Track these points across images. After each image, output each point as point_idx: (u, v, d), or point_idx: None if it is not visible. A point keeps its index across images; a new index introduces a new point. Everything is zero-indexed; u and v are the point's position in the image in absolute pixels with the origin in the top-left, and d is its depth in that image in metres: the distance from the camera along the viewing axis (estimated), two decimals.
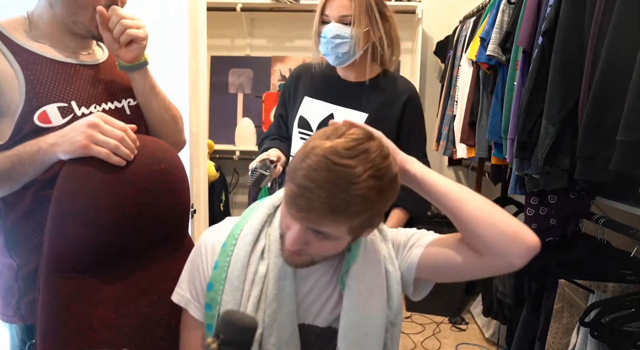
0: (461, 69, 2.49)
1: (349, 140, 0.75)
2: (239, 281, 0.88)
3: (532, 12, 1.62)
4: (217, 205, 3.06)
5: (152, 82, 1.07)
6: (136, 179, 0.90)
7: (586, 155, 1.27)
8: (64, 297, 0.85)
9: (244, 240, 0.91)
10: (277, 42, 3.32)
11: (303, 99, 1.50)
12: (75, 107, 0.95)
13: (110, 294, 0.89)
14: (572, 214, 1.62)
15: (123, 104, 1.06)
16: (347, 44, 1.34)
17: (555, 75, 1.42)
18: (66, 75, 0.97)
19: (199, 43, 2.58)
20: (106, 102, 1.02)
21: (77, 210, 0.85)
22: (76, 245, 0.86)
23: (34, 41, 0.96)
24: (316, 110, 1.48)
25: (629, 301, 1.32)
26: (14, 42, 0.93)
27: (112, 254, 0.90)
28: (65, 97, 0.95)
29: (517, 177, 1.70)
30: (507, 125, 1.76)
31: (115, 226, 0.88)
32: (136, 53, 0.99)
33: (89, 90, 0.99)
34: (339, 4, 1.33)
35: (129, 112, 1.06)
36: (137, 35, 0.97)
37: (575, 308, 1.50)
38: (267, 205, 0.95)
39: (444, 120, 2.75)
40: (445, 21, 3.18)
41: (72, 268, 0.86)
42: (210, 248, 0.93)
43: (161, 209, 0.95)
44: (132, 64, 1.00)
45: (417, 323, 2.78)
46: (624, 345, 1.27)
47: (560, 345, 1.52)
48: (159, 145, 0.98)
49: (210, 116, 3.29)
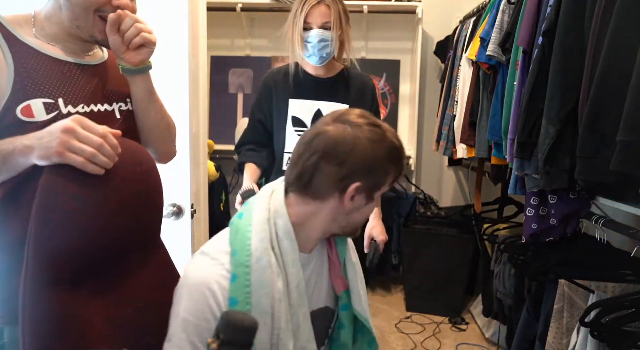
0: (461, 69, 2.49)
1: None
2: (268, 306, 0.87)
3: (532, 12, 1.62)
4: (217, 205, 3.06)
5: (152, 88, 1.06)
6: (121, 181, 0.87)
7: (586, 155, 1.27)
8: (57, 310, 0.81)
9: (261, 265, 0.88)
10: (277, 42, 3.31)
11: (288, 102, 1.71)
12: (61, 105, 0.94)
13: (102, 303, 0.86)
14: (572, 214, 1.62)
15: (114, 107, 1.04)
16: (330, 46, 1.60)
17: (555, 75, 1.42)
18: (58, 72, 0.96)
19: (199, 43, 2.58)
20: (96, 104, 0.99)
21: (65, 218, 0.81)
22: (66, 255, 0.82)
23: (35, 38, 0.97)
24: (305, 109, 1.70)
25: (629, 301, 1.32)
26: (12, 35, 0.93)
27: (100, 261, 0.87)
28: (52, 93, 0.93)
29: (517, 177, 1.70)
30: (507, 125, 1.76)
31: (103, 231, 0.85)
32: (144, 56, 1.00)
33: (79, 90, 0.98)
34: (320, 13, 1.57)
35: (118, 116, 1.04)
36: (149, 39, 0.99)
37: (575, 308, 1.50)
38: (260, 220, 0.92)
39: (444, 120, 2.75)
40: (445, 21, 3.18)
41: (64, 279, 0.82)
42: (216, 288, 0.86)
43: (143, 212, 0.93)
44: (138, 67, 1.01)
45: (417, 323, 2.78)
46: (624, 345, 1.27)
47: (560, 345, 1.52)
48: (138, 147, 0.97)
49: (210, 116, 3.29)
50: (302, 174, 0.90)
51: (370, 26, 3.27)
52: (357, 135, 0.88)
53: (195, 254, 0.95)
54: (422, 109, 3.34)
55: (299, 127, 1.71)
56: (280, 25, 1.76)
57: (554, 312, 1.54)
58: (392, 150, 0.91)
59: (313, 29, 1.58)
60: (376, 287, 3.25)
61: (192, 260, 0.94)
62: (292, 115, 1.70)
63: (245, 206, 0.97)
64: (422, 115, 3.34)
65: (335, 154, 0.87)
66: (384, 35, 3.31)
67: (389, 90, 3.34)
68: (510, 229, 2.45)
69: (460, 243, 2.82)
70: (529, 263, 1.70)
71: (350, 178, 0.89)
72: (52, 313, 0.81)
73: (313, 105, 1.70)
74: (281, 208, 0.92)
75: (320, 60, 1.63)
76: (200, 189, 2.66)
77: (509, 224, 2.54)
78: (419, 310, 2.88)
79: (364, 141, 0.88)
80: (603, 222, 1.49)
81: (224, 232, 0.97)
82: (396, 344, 2.55)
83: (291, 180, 0.93)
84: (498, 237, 2.24)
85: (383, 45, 3.33)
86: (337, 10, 1.58)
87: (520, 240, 1.89)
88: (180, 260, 1.55)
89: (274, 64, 3.30)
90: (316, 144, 0.89)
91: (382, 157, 0.90)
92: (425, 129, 3.37)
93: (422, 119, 3.33)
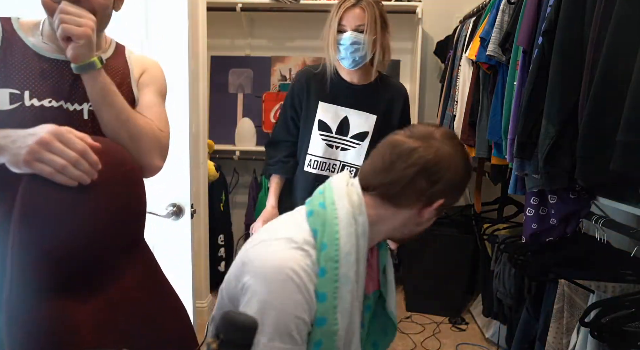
0: (461, 69, 2.49)
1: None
2: (348, 303, 0.90)
3: (532, 12, 1.62)
4: (217, 205, 3.06)
5: (105, 90, 0.97)
6: (104, 183, 0.85)
7: (586, 155, 1.27)
8: (48, 317, 0.78)
9: (349, 260, 0.89)
10: (277, 42, 3.32)
11: (317, 103, 1.70)
12: (26, 97, 0.93)
13: (90, 309, 0.84)
14: (572, 214, 1.62)
15: (83, 107, 1.00)
16: (363, 49, 1.58)
17: (555, 75, 1.42)
18: (36, 68, 0.96)
19: (199, 43, 2.59)
20: (66, 101, 0.97)
21: (48, 223, 0.80)
22: (51, 260, 0.79)
23: (36, 37, 0.98)
24: (333, 114, 1.70)
25: (629, 301, 1.32)
26: (15, 33, 0.96)
27: (86, 265, 0.85)
28: (21, 85, 0.93)
29: (517, 177, 1.70)
30: (507, 125, 1.76)
31: (88, 235, 0.84)
32: (73, 52, 0.92)
33: (51, 85, 0.96)
34: (354, 15, 1.56)
35: (87, 117, 1.00)
36: (71, 31, 0.89)
37: (575, 308, 1.50)
38: (347, 215, 0.91)
39: (444, 120, 2.75)
40: (445, 21, 3.18)
41: (51, 285, 0.80)
42: (306, 279, 0.85)
43: (127, 214, 0.92)
44: (77, 64, 0.94)
45: (417, 323, 2.78)
46: (624, 345, 1.27)
47: (560, 345, 1.52)
48: (119, 147, 0.95)
49: (210, 116, 3.29)
50: (394, 183, 0.93)
51: None
52: (452, 157, 0.93)
53: (272, 237, 0.91)
54: (422, 109, 3.34)
55: (324, 132, 1.71)
56: (280, 25, 1.76)
57: (554, 312, 1.54)
58: (470, 174, 1.01)
59: (347, 31, 1.57)
60: None
61: (274, 245, 0.90)
62: (319, 118, 1.70)
63: (320, 193, 0.97)
64: (422, 115, 3.34)
65: (433, 172, 0.92)
66: None
67: None
68: (510, 229, 2.45)
69: (460, 243, 2.82)
70: (529, 263, 1.70)
71: (438, 195, 0.94)
72: (42, 320, 0.79)
73: (341, 112, 1.70)
74: (362, 206, 0.94)
75: (353, 64, 1.62)
76: (200, 189, 2.66)
77: (509, 224, 2.54)
78: (419, 310, 2.88)
79: (459, 164, 0.94)
80: (603, 222, 1.49)
81: (298, 218, 0.96)
82: (396, 344, 2.55)
83: (376, 184, 0.95)
84: (498, 237, 2.24)
85: None
86: (373, 14, 1.57)
87: (520, 240, 1.90)
88: (180, 260, 1.56)
89: (274, 64, 3.30)
90: (416, 158, 0.92)
91: (466, 181, 0.98)
92: None
93: (422, 119, 3.33)
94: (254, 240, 0.96)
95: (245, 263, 0.90)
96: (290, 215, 1.01)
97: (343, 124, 1.71)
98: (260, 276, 0.86)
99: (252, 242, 0.96)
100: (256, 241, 0.94)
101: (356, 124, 1.71)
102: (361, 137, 1.71)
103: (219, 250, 3.06)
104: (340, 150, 1.73)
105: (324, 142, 1.72)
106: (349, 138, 1.72)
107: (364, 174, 0.99)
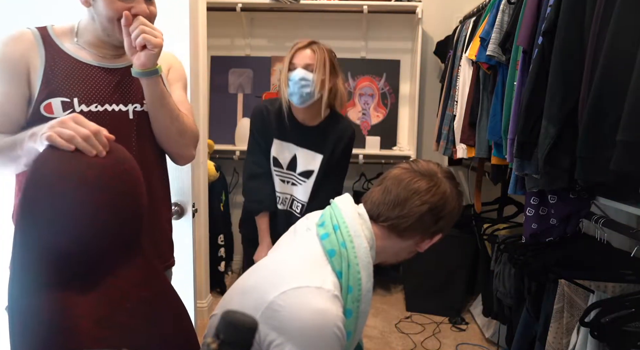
0: (461, 69, 2.49)
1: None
2: (361, 332, 1.00)
3: (532, 12, 1.62)
4: (217, 205, 3.06)
5: (162, 93, 1.11)
6: (104, 180, 0.87)
7: (586, 155, 1.26)
8: (49, 312, 0.80)
9: (368, 297, 0.96)
10: (277, 42, 3.32)
11: (273, 140, 1.81)
12: (75, 103, 1.05)
13: (90, 305, 0.85)
14: (572, 214, 1.62)
15: (128, 108, 1.12)
16: (310, 86, 1.68)
17: (555, 75, 1.42)
18: (81, 74, 1.07)
19: (199, 43, 2.59)
20: (110, 104, 1.09)
21: (51, 219, 0.81)
22: (53, 256, 0.81)
23: (73, 45, 1.09)
24: (284, 152, 1.82)
25: (629, 301, 1.32)
26: (53, 42, 1.07)
27: (86, 261, 0.86)
28: (70, 93, 1.05)
29: (517, 177, 1.70)
30: (507, 126, 1.76)
31: (88, 231, 0.85)
32: (145, 59, 1.05)
33: (96, 91, 1.07)
34: (304, 55, 1.71)
35: (132, 116, 1.12)
36: (149, 40, 1.04)
37: (575, 308, 1.50)
38: (364, 255, 0.95)
39: (444, 120, 2.75)
40: (445, 21, 3.18)
41: (51, 281, 0.81)
42: (344, 330, 0.88)
43: (126, 211, 0.93)
44: (142, 70, 1.07)
45: (417, 323, 2.78)
46: (624, 345, 1.27)
47: (560, 345, 1.52)
48: (118, 146, 0.96)
49: (210, 116, 3.29)
50: (406, 217, 0.98)
51: (370, 26, 3.27)
52: (454, 197, 1.02)
53: (300, 284, 0.88)
54: (422, 109, 3.34)
55: (277, 168, 1.82)
56: (280, 25, 1.79)
57: (554, 312, 1.54)
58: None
59: (297, 68, 1.69)
60: (376, 287, 3.24)
61: (308, 297, 0.87)
62: (273, 155, 1.82)
63: (335, 231, 0.97)
64: (422, 115, 3.34)
65: (440, 209, 1.00)
66: (383, 35, 3.32)
67: (389, 90, 3.34)
68: (510, 229, 2.45)
69: (460, 243, 2.82)
70: (529, 263, 1.70)
71: (439, 230, 1.03)
72: (43, 315, 0.80)
73: (292, 149, 1.81)
74: (373, 240, 0.99)
75: (300, 99, 1.70)
76: (201, 189, 2.66)
77: (509, 224, 2.54)
78: (419, 310, 2.88)
79: (457, 203, 1.03)
80: (603, 222, 1.49)
81: (316, 254, 0.96)
82: (396, 344, 2.55)
83: (389, 216, 0.99)
84: (498, 237, 2.24)
85: (383, 45, 3.33)
86: (322, 57, 1.70)
87: (520, 240, 1.89)
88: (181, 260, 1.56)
89: (274, 64, 3.30)
90: (430, 196, 0.99)
91: (458, 216, 1.06)
92: (425, 129, 3.37)
93: (422, 119, 3.33)
94: (275, 282, 0.90)
95: (271, 316, 0.86)
96: (304, 248, 0.99)
97: (292, 161, 1.81)
98: (299, 339, 0.84)
99: (274, 285, 0.90)
100: (280, 286, 0.89)
101: (303, 162, 1.80)
102: (307, 174, 1.80)
103: (219, 250, 3.06)
104: (291, 185, 1.82)
105: (277, 177, 1.83)
106: (297, 174, 1.81)
107: (374, 205, 1.03)
